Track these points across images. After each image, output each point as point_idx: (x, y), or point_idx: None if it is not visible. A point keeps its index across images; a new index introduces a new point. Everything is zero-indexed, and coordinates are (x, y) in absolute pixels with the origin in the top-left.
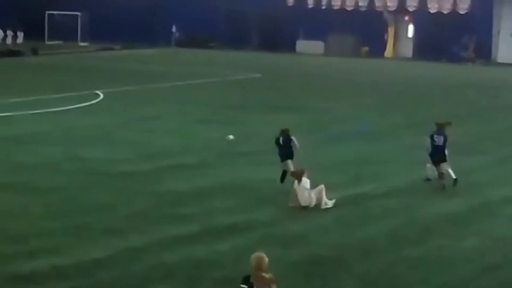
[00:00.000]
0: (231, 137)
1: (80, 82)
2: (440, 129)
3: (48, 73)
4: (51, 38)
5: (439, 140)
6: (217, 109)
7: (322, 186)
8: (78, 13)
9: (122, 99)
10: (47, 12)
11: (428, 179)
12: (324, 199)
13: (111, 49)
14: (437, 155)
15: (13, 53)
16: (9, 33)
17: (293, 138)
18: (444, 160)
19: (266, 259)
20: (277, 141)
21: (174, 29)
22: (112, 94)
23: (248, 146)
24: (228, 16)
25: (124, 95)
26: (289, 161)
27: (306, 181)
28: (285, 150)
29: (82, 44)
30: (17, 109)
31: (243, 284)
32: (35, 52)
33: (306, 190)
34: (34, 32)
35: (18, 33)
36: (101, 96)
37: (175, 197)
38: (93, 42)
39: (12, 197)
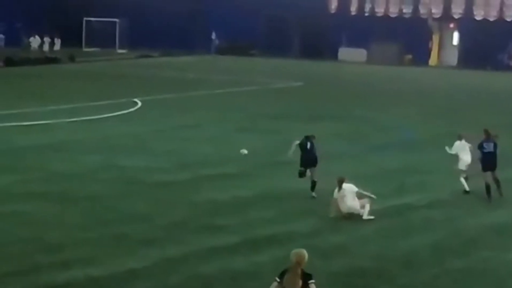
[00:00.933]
0: (245, 151)
1: (117, 90)
2: (489, 136)
3: (85, 81)
4: (88, 45)
5: (488, 147)
6: (257, 118)
7: (367, 200)
8: (116, 20)
9: (160, 107)
10: (85, 18)
11: (466, 192)
12: (368, 209)
13: (149, 56)
14: (488, 162)
15: (50, 60)
16: (46, 40)
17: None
18: (495, 167)
19: (306, 256)
20: (303, 146)
21: (213, 36)
22: (150, 102)
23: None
24: (269, 22)
25: (162, 103)
26: (314, 169)
27: (349, 186)
28: (311, 157)
29: (120, 51)
30: (54, 117)
31: (278, 277)
32: (72, 59)
33: (349, 194)
34: (71, 39)
35: (55, 40)
36: (139, 104)
37: (213, 207)
38: (131, 49)
39: (48, 205)
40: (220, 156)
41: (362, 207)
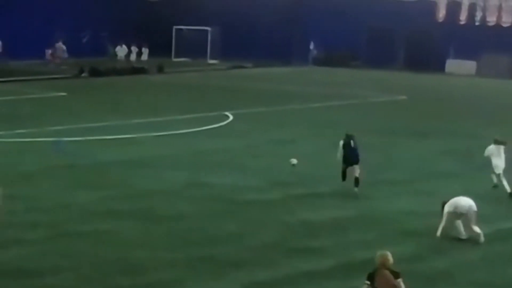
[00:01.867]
0: (294, 161)
1: (208, 102)
2: None
3: (174, 93)
4: (178, 55)
5: None
6: (357, 133)
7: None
8: (208, 28)
9: (252, 121)
10: (175, 27)
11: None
12: (477, 231)
13: (242, 67)
14: None
15: (137, 70)
16: (134, 49)
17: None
18: None
19: (391, 257)
20: (346, 145)
21: (311, 46)
22: (242, 116)
23: (390, 174)
24: (371, 32)
25: (255, 117)
26: (356, 166)
27: (451, 204)
28: (354, 155)
29: (211, 61)
30: (140, 131)
31: (367, 280)
32: (160, 69)
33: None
34: (160, 48)
35: (143, 49)
36: (230, 117)
37: (307, 228)
38: (223, 60)
39: (132, 224)
40: (315, 174)
41: (470, 231)
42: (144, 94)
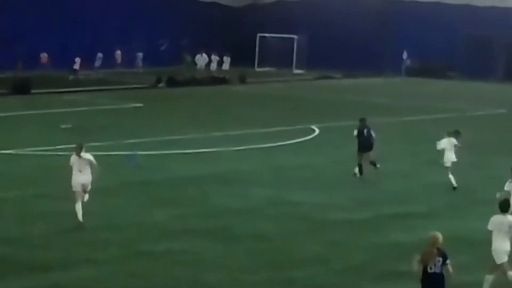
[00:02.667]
0: None
1: (293, 115)
2: None
3: (257, 104)
4: (261, 64)
5: None
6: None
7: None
8: (295, 36)
9: (340, 135)
10: (259, 34)
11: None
12: None
13: (331, 77)
14: None
15: (218, 80)
16: (214, 58)
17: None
18: None
19: (441, 237)
20: (360, 133)
21: (405, 55)
22: (329, 129)
23: (486, 193)
24: (468, 41)
25: (343, 131)
26: (370, 153)
27: None
28: (368, 141)
29: (297, 71)
30: (220, 145)
31: (420, 254)
32: (242, 80)
33: None
34: (242, 57)
35: (225, 58)
36: (317, 131)
37: (397, 250)
38: (309, 70)
39: (210, 244)
40: (407, 192)
41: None
42: (224, 105)
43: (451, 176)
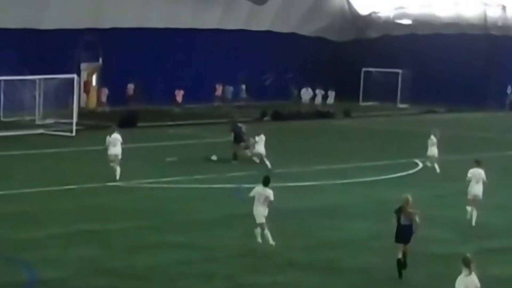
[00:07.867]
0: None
1: (396, 149)
2: None
3: (360, 138)
4: (366, 98)
5: None
6: None
7: None
8: (399, 71)
9: (443, 169)
10: (364, 69)
11: None
12: None
13: (434, 112)
14: None
15: (322, 114)
16: (319, 92)
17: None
18: None
19: (411, 199)
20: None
21: (509, 90)
22: None
23: None
24: None
25: (446, 165)
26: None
27: None
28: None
29: (401, 106)
30: (324, 178)
31: (395, 212)
32: (347, 114)
33: None
34: (347, 91)
35: (329, 92)
36: (420, 165)
37: (501, 285)
38: (413, 104)
39: (314, 276)
40: (510, 226)
41: None
42: (329, 139)
43: None
